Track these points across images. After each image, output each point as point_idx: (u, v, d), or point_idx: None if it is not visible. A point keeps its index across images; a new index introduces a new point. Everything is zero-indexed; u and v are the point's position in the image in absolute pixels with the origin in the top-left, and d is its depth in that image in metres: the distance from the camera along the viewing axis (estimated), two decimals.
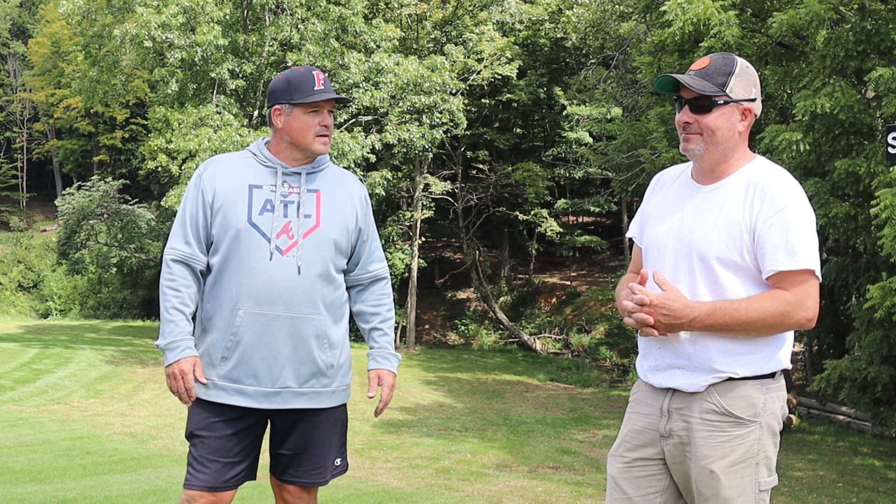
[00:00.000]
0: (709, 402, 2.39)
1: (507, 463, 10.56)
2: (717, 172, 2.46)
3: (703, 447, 2.38)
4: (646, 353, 2.53)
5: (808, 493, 9.98)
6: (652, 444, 2.49)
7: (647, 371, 2.52)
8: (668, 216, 2.51)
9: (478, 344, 28.50)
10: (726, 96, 2.39)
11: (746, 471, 2.37)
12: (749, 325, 2.31)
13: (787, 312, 2.30)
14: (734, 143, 2.43)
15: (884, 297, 9.40)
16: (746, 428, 2.38)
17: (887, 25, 10.56)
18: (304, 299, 2.91)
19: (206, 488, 2.89)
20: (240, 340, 2.89)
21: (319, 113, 2.96)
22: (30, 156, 49.47)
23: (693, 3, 11.70)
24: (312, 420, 2.99)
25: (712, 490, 2.37)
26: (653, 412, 2.49)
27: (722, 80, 2.39)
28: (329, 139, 3.01)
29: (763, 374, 2.39)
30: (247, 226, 2.90)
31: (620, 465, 2.54)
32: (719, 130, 2.40)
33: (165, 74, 21.45)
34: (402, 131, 23.20)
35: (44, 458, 8.03)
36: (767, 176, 2.40)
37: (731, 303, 2.32)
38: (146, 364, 19.90)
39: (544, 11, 27.59)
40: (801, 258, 2.30)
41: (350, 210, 3.04)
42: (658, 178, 2.68)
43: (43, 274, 37.95)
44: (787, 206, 2.33)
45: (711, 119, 2.39)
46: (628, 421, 2.58)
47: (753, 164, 2.45)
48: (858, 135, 10.76)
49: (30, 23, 51.10)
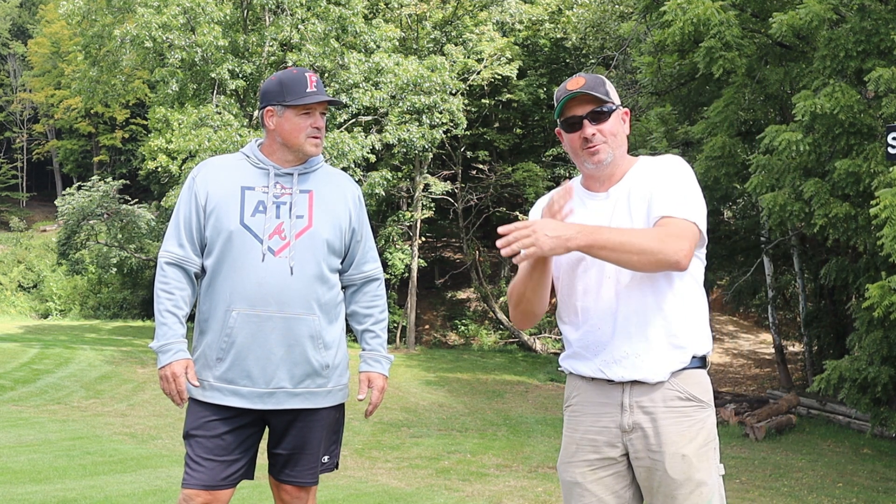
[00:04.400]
0: (671, 390, 2.43)
1: (507, 463, 10.56)
2: (614, 177, 2.56)
3: (671, 434, 2.41)
4: (594, 349, 2.48)
5: (808, 493, 9.99)
6: (614, 443, 2.48)
7: (600, 367, 2.47)
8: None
9: (478, 344, 28.49)
10: (612, 103, 2.53)
11: (709, 454, 2.45)
12: (628, 245, 2.29)
13: (664, 241, 2.32)
14: (624, 144, 2.58)
15: (882, 297, 9.39)
16: (706, 411, 2.48)
17: (887, 25, 10.56)
18: (298, 300, 2.91)
19: (203, 487, 2.90)
20: (234, 341, 2.90)
21: (311, 115, 2.97)
22: (30, 156, 49.48)
23: (693, 3, 11.69)
24: (309, 420, 2.99)
25: (685, 474, 2.39)
26: (609, 409, 2.47)
27: (604, 90, 2.52)
28: (321, 141, 3.01)
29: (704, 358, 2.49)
30: (239, 227, 2.91)
31: (584, 470, 2.50)
32: (619, 134, 2.54)
33: (165, 74, 21.46)
34: (402, 131, 23.20)
35: (44, 458, 8.03)
36: (658, 160, 2.57)
37: (615, 228, 2.40)
38: (146, 364, 19.89)
39: (544, 11, 27.58)
40: (680, 207, 2.41)
41: (343, 210, 3.04)
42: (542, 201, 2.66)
43: (43, 274, 37.94)
44: (671, 171, 2.49)
45: (611, 125, 2.52)
46: (578, 425, 2.54)
47: (640, 161, 2.60)
48: (858, 135, 10.75)
49: (30, 23, 51.10)
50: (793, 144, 10.83)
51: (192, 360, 2.94)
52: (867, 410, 12.30)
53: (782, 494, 9.65)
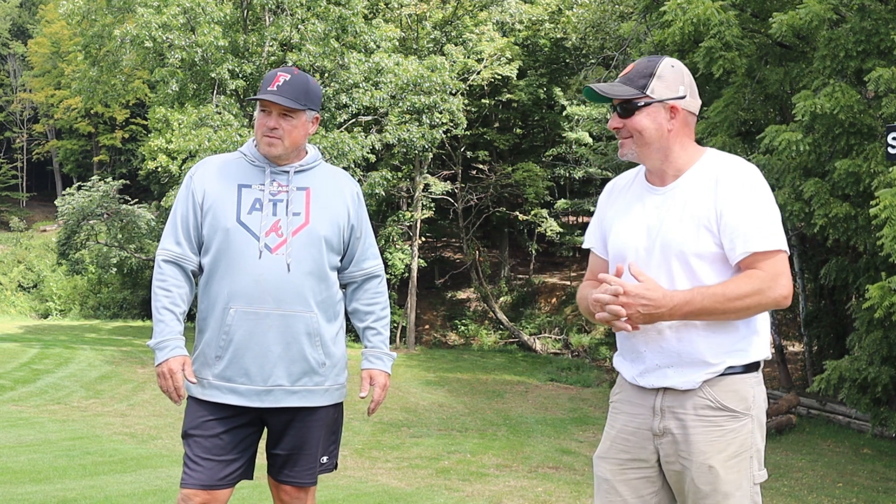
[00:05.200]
0: (702, 398, 2.39)
1: (507, 463, 10.56)
2: (669, 173, 2.49)
3: (699, 443, 2.38)
4: (632, 359, 2.51)
5: (808, 493, 9.99)
6: (645, 446, 2.48)
7: (636, 375, 2.50)
8: (632, 220, 2.52)
9: (478, 344, 28.48)
10: (647, 97, 2.43)
11: (742, 464, 2.39)
12: (728, 306, 2.31)
13: (763, 290, 2.31)
14: (667, 141, 2.46)
15: (883, 297, 9.40)
16: (740, 421, 2.39)
17: (887, 25, 10.55)
18: (295, 297, 2.91)
19: (201, 487, 2.89)
20: (231, 339, 2.90)
21: (269, 114, 2.95)
22: (30, 156, 49.49)
23: (693, 4, 11.69)
24: (307, 420, 2.99)
25: (711, 485, 2.37)
26: (643, 412, 2.48)
27: (643, 83, 2.43)
28: (278, 141, 2.95)
29: (750, 366, 2.42)
30: (235, 225, 2.92)
31: (614, 468, 2.52)
32: (646, 131, 2.43)
33: (165, 74, 21.46)
34: (402, 131, 23.20)
35: (44, 458, 8.02)
36: (725, 167, 2.43)
37: (708, 287, 2.33)
38: (146, 364, 19.89)
39: (544, 11, 27.58)
40: (770, 238, 2.33)
41: (341, 207, 3.04)
42: (612, 186, 2.69)
43: (43, 274, 37.95)
44: (748, 192, 2.37)
45: (636, 121, 2.44)
46: (615, 422, 2.57)
47: (707, 158, 2.48)
48: (858, 135, 10.75)
49: (30, 23, 51.11)
50: (793, 144, 10.82)
51: (188, 357, 2.94)
52: (867, 410, 12.31)
53: (782, 494, 9.65)
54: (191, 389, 2.96)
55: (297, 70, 3.00)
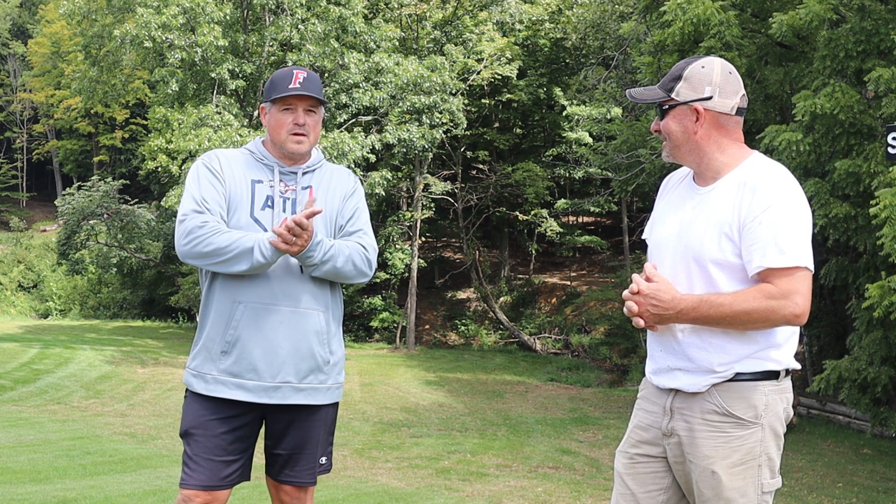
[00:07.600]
0: (710, 403, 2.39)
1: (507, 463, 10.56)
2: (710, 174, 2.48)
3: (704, 447, 2.39)
4: (651, 356, 2.56)
5: (808, 493, 9.99)
6: (655, 442, 2.51)
7: (650, 373, 2.55)
8: (671, 218, 2.54)
9: (478, 344, 28.48)
10: (672, 100, 2.44)
11: (748, 472, 2.37)
12: (734, 318, 2.31)
13: (773, 308, 2.29)
14: (695, 144, 2.45)
15: (882, 296, 9.40)
16: (748, 429, 2.37)
17: (887, 25, 10.55)
18: (305, 295, 2.91)
19: (202, 487, 2.88)
20: (239, 335, 2.88)
21: (293, 111, 2.94)
22: (30, 156, 49.48)
23: (693, 3, 11.69)
24: (307, 420, 2.98)
25: (714, 490, 2.37)
26: (657, 410, 2.52)
27: (671, 86, 2.45)
28: (305, 138, 2.95)
29: (764, 374, 2.38)
30: (249, 221, 2.91)
31: (625, 461, 2.57)
32: (673, 133, 2.46)
33: (165, 74, 21.46)
34: (402, 131, 23.20)
35: (44, 458, 8.02)
36: (758, 174, 2.39)
37: (718, 296, 2.33)
38: (146, 364, 19.90)
39: (544, 11, 27.58)
40: (789, 255, 2.29)
41: (338, 202, 3.04)
42: (668, 180, 2.71)
43: (43, 274, 37.94)
44: (775, 203, 2.32)
45: (665, 123, 2.47)
46: (634, 417, 2.62)
47: (748, 162, 2.45)
48: (858, 135, 10.75)
49: (30, 23, 51.10)
50: (793, 144, 10.82)
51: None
52: (867, 410, 12.31)
53: (782, 494, 9.65)
54: (193, 385, 2.92)
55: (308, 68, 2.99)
